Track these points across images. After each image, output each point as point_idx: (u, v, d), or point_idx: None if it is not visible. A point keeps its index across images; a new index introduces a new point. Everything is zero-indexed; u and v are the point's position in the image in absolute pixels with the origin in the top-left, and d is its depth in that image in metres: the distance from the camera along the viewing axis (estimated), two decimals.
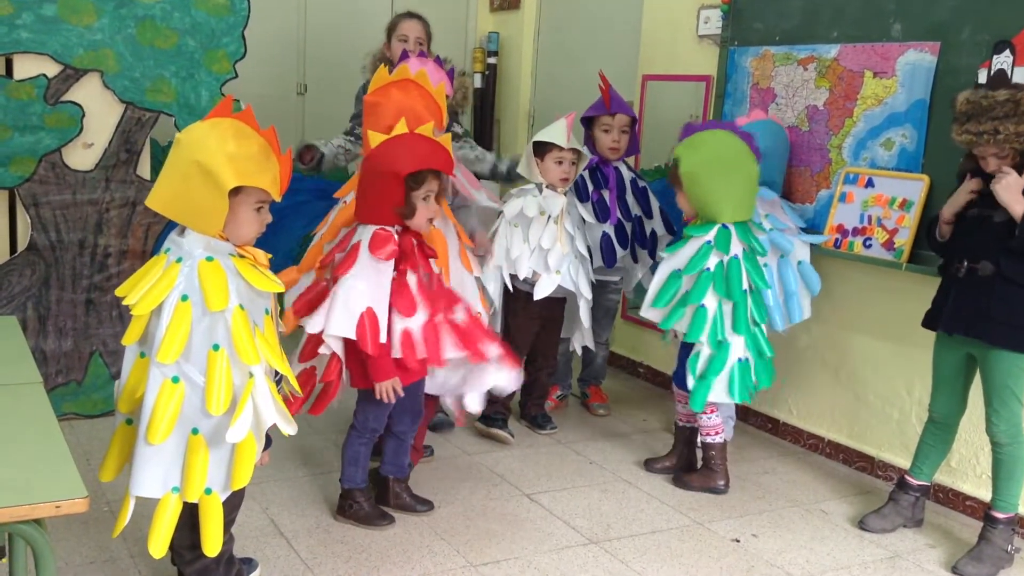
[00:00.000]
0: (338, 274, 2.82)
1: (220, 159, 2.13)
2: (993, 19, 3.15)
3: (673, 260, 3.32)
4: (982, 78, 3.14)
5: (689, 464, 3.57)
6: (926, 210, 3.30)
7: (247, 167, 2.16)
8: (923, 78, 3.36)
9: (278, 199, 2.26)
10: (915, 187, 3.35)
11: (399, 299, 2.79)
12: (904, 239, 3.37)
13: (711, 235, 3.24)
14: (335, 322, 2.76)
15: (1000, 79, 2.83)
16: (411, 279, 2.82)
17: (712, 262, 3.23)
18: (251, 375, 2.19)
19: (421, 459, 3.44)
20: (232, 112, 2.22)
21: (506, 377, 3.02)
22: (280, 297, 2.44)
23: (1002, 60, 3.11)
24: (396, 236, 2.81)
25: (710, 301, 3.23)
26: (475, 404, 3.09)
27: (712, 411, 3.41)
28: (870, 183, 3.51)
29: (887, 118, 3.48)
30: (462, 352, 2.90)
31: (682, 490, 3.46)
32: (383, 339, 2.76)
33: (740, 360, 3.27)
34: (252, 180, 2.18)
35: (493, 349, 2.97)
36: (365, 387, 2.88)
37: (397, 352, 2.79)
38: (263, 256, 2.31)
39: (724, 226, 3.24)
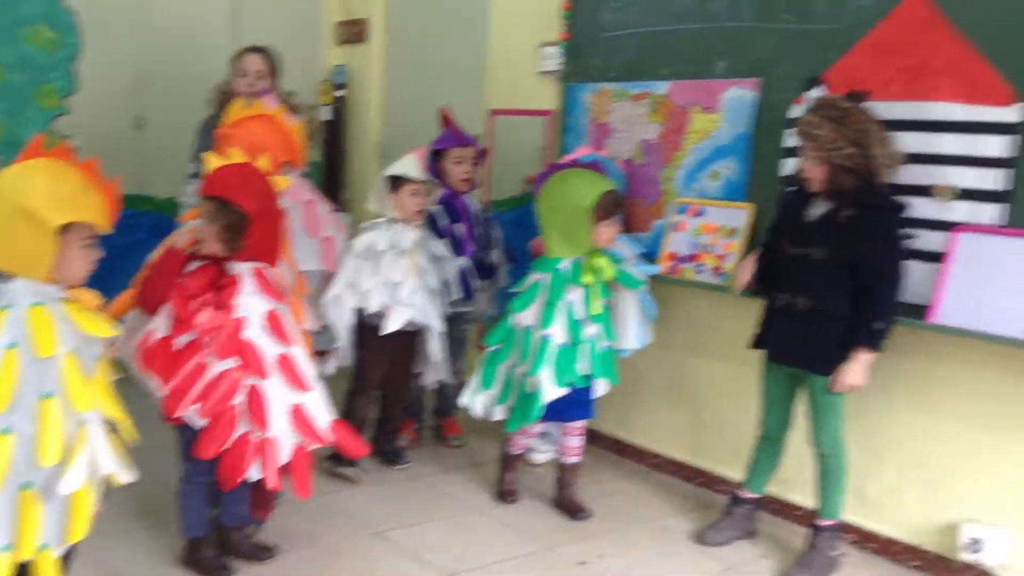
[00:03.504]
0: None
1: (41, 199, 2.08)
2: (806, 57, 3.36)
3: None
4: (796, 112, 3.37)
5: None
6: (752, 237, 3.49)
7: (70, 203, 2.12)
8: (745, 113, 3.56)
9: (108, 231, 2.22)
10: (740, 215, 3.55)
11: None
12: (732, 264, 3.54)
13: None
14: None
15: (859, 96, 2.96)
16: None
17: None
18: (85, 422, 2.14)
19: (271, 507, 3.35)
20: (44, 151, 2.16)
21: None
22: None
23: (814, 95, 3.34)
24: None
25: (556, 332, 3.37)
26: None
27: (582, 432, 3.56)
28: (700, 212, 3.68)
29: (714, 151, 3.67)
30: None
31: (534, 517, 3.51)
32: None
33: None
34: (77, 215, 2.13)
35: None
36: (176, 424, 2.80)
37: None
38: (92, 298, 2.26)
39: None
